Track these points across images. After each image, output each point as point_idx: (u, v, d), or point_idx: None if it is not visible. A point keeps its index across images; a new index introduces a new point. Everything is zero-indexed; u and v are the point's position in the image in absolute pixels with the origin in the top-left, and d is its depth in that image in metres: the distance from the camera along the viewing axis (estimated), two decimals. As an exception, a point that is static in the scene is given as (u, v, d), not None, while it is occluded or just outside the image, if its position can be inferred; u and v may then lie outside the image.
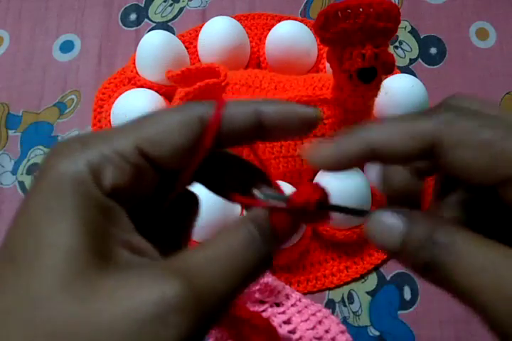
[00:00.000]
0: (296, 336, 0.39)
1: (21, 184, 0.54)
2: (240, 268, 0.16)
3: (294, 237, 0.19)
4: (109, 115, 0.52)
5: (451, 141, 0.16)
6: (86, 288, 0.14)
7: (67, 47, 0.61)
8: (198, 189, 0.21)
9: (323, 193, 0.18)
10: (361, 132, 0.18)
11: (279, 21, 0.57)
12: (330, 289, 0.48)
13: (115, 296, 0.14)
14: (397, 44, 0.59)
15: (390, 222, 0.17)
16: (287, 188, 0.46)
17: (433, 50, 0.59)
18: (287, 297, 0.41)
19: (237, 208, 0.47)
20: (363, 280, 0.49)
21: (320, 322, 0.41)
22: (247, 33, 0.56)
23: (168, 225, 0.20)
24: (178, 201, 0.20)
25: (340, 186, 0.43)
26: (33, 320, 0.14)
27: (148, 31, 0.60)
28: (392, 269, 0.49)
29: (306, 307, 0.42)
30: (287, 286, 0.42)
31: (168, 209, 0.20)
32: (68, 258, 0.14)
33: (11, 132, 0.57)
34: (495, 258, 0.16)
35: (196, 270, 0.15)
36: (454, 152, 0.16)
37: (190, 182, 0.20)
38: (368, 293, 0.48)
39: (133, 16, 0.62)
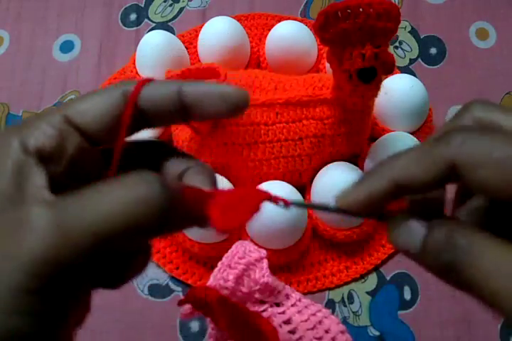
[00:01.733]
0: (296, 336, 0.39)
1: (21, 184, 0.54)
2: (123, 204, 0.15)
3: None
4: (109, 115, 0.52)
5: (466, 162, 0.17)
6: None
7: (67, 47, 0.61)
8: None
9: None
10: (383, 170, 0.18)
11: (279, 21, 0.57)
12: (330, 289, 0.48)
13: None
14: (397, 44, 0.59)
15: (412, 228, 0.18)
16: (283, 187, 0.46)
17: (433, 50, 0.59)
18: (287, 297, 0.41)
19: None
20: (363, 280, 0.49)
21: (320, 322, 0.41)
22: (247, 33, 0.56)
23: None
24: None
25: (340, 185, 0.43)
26: None
27: (148, 31, 0.60)
28: (392, 269, 0.49)
29: (306, 307, 0.42)
30: (287, 286, 0.42)
31: None
32: None
33: (11, 132, 0.57)
34: None
35: (73, 199, 0.16)
36: (471, 173, 0.17)
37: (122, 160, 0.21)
38: (368, 293, 0.48)
39: (133, 16, 0.62)
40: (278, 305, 0.40)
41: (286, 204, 0.20)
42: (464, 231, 0.17)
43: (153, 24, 0.62)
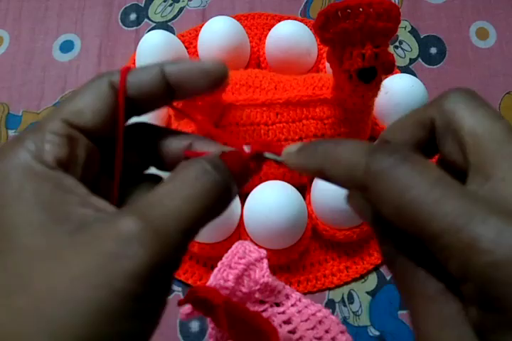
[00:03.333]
0: (296, 336, 0.39)
1: (21, 184, 0.54)
2: (195, 196, 0.17)
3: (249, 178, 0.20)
4: (109, 115, 0.52)
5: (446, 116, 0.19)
6: (52, 251, 0.15)
7: (67, 47, 0.61)
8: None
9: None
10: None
11: (279, 21, 0.57)
12: (330, 289, 0.48)
13: (77, 248, 0.15)
14: (397, 44, 0.59)
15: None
16: (283, 187, 0.46)
17: (433, 50, 0.59)
18: (287, 297, 0.41)
19: (237, 208, 0.47)
20: (363, 280, 0.49)
21: (320, 322, 0.41)
22: (247, 33, 0.56)
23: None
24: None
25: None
26: (11, 286, 0.15)
27: (148, 31, 0.60)
28: (392, 269, 0.49)
29: (306, 307, 0.42)
30: (287, 286, 0.42)
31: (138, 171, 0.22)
32: (31, 233, 0.16)
33: (11, 132, 0.57)
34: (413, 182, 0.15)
35: (150, 205, 0.16)
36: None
37: (143, 166, 0.22)
38: (368, 293, 0.48)
39: (133, 16, 0.62)
40: (278, 305, 0.40)
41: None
42: (380, 152, 0.16)
43: (153, 24, 0.62)
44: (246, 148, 0.20)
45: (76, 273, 0.15)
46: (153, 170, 0.23)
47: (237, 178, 0.19)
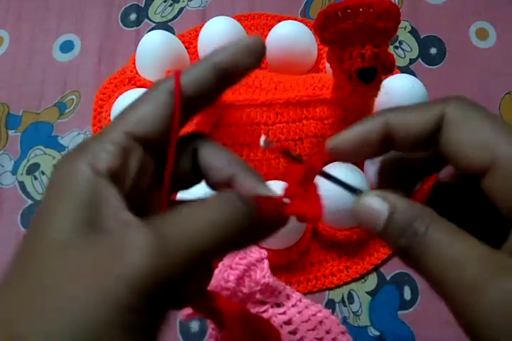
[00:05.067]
0: (297, 337, 0.39)
1: (21, 184, 0.54)
2: (212, 220, 0.17)
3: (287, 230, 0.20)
4: (109, 115, 0.52)
5: (454, 117, 0.19)
6: (68, 247, 0.16)
7: (67, 47, 0.61)
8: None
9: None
10: (381, 112, 0.20)
11: (279, 21, 0.57)
12: (330, 289, 0.48)
13: (85, 249, 0.16)
14: (397, 44, 0.59)
15: (376, 207, 0.19)
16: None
17: (433, 50, 0.59)
18: (288, 297, 0.41)
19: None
20: (363, 280, 0.49)
21: (320, 322, 0.41)
22: (247, 33, 0.56)
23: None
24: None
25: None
26: (25, 273, 0.16)
27: (148, 31, 0.60)
28: (392, 269, 0.49)
29: (306, 307, 0.42)
30: (288, 286, 0.42)
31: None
32: (59, 232, 0.16)
33: (11, 132, 0.57)
34: (459, 251, 0.17)
35: (169, 221, 0.16)
36: (454, 129, 0.19)
37: (193, 182, 0.22)
38: (368, 293, 0.48)
39: (133, 16, 0.62)
40: (279, 305, 0.40)
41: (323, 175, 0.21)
42: (422, 220, 0.18)
43: (153, 24, 0.62)
44: (286, 200, 0.20)
45: (74, 275, 0.15)
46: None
47: (265, 224, 0.18)
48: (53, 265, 0.16)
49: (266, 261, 0.38)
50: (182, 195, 0.23)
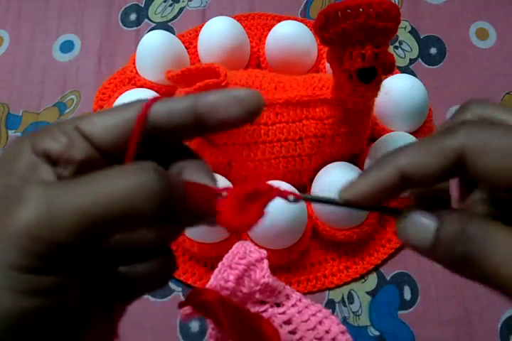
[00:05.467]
0: (296, 336, 0.39)
1: (21, 184, 0.54)
2: (116, 190, 0.16)
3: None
4: (109, 115, 0.52)
5: (473, 150, 0.17)
6: None
7: (67, 47, 0.61)
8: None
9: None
10: (388, 160, 0.18)
11: (279, 21, 0.57)
12: (330, 289, 0.48)
13: None
14: (397, 44, 0.59)
15: (422, 222, 0.18)
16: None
17: (433, 50, 0.59)
18: (287, 297, 0.41)
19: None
20: (363, 280, 0.49)
21: (320, 322, 0.41)
22: (247, 33, 0.56)
23: None
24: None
25: (340, 186, 0.43)
26: None
27: (148, 31, 0.60)
28: (392, 269, 0.49)
29: (306, 307, 0.42)
30: (287, 286, 0.42)
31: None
32: None
33: (11, 132, 0.57)
34: None
35: (72, 182, 0.16)
36: (478, 161, 0.17)
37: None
38: (368, 293, 0.48)
39: (133, 16, 0.62)
40: (278, 305, 0.40)
41: (297, 198, 0.19)
42: (477, 222, 0.17)
43: (153, 24, 0.62)
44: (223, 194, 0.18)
45: None
46: None
47: (189, 208, 0.17)
48: None
49: (266, 261, 0.38)
50: None
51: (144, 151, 0.19)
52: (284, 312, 0.40)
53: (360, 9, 0.35)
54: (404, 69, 0.58)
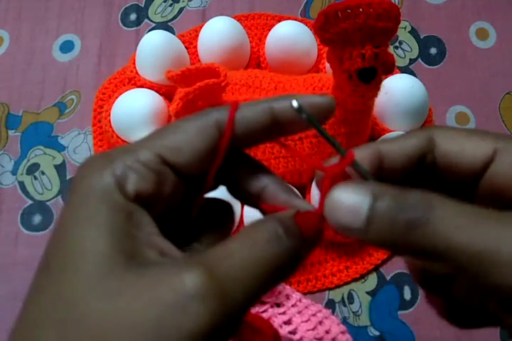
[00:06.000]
0: (296, 337, 0.39)
1: (21, 184, 0.54)
2: (263, 260, 0.16)
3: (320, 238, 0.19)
4: (109, 115, 0.52)
5: (440, 135, 0.19)
6: (113, 286, 0.15)
7: (67, 47, 0.61)
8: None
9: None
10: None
11: (279, 21, 0.57)
12: (330, 289, 0.48)
13: (137, 291, 0.15)
14: (397, 44, 0.59)
15: (352, 198, 0.17)
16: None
17: (433, 50, 0.59)
18: (288, 297, 0.41)
19: (237, 208, 0.47)
20: (363, 280, 0.49)
21: (320, 322, 0.41)
22: (247, 33, 0.56)
23: (203, 233, 0.21)
24: (213, 211, 0.21)
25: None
26: (66, 319, 0.14)
27: (148, 31, 0.60)
28: (392, 269, 0.49)
29: (306, 307, 0.42)
30: (287, 286, 0.42)
31: (204, 218, 0.21)
32: (96, 261, 0.15)
33: (11, 132, 0.57)
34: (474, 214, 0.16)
35: (217, 261, 0.15)
36: (447, 141, 0.19)
37: (213, 187, 0.21)
38: (368, 293, 0.48)
39: (133, 16, 0.62)
40: (278, 305, 0.40)
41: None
42: (419, 192, 0.16)
43: (153, 24, 0.62)
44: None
45: (128, 321, 0.14)
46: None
47: (309, 241, 0.18)
48: (100, 309, 0.14)
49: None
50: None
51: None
52: (284, 313, 0.40)
53: (360, 9, 0.35)
54: (404, 69, 0.58)
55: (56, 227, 0.17)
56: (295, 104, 0.18)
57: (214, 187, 0.21)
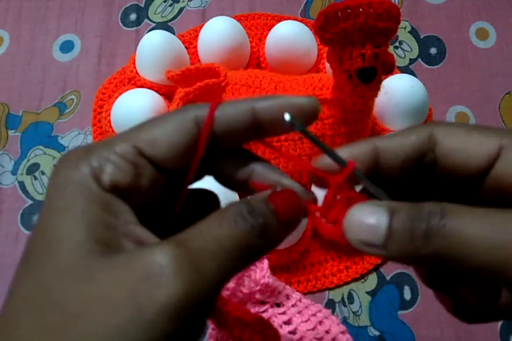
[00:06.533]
0: (296, 336, 0.39)
1: (21, 184, 0.54)
2: (233, 235, 0.16)
3: (298, 225, 0.19)
4: (109, 115, 0.52)
5: (441, 132, 0.19)
6: (88, 270, 0.15)
7: (67, 47, 0.61)
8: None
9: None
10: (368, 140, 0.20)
11: (279, 21, 0.57)
12: (330, 289, 0.48)
13: (111, 270, 0.15)
14: (397, 44, 0.59)
15: (371, 218, 0.17)
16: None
17: (433, 50, 0.59)
18: (288, 297, 0.41)
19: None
20: (363, 280, 0.49)
21: (320, 322, 0.41)
22: (247, 33, 0.56)
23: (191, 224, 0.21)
24: (199, 201, 0.21)
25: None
26: (44, 304, 0.15)
27: (148, 31, 0.60)
28: (392, 269, 0.49)
29: (306, 307, 0.42)
30: (287, 286, 0.42)
31: (190, 209, 0.21)
32: (71, 249, 0.16)
33: (11, 132, 0.57)
34: (490, 219, 0.16)
35: (190, 236, 0.16)
36: (448, 137, 0.19)
37: (198, 177, 0.21)
38: (368, 293, 0.48)
39: (133, 16, 0.62)
40: (278, 305, 0.40)
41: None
42: (430, 203, 0.17)
43: (153, 24, 0.62)
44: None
45: (103, 298, 0.15)
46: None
47: (284, 221, 0.18)
48: (76, 291, 0.15)
49: (266, 261, 0.38)
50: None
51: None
52: (284, 313, 0.40)
53: (360, 9, 0.35)
54: (404, 69, 0.58)
55: (37, 220, 0.17)
56: (287, 117, 0.18)
57: (198, 178, 0.21)
